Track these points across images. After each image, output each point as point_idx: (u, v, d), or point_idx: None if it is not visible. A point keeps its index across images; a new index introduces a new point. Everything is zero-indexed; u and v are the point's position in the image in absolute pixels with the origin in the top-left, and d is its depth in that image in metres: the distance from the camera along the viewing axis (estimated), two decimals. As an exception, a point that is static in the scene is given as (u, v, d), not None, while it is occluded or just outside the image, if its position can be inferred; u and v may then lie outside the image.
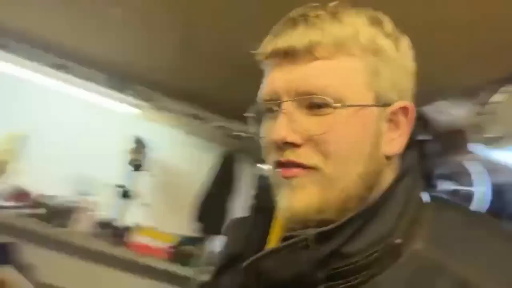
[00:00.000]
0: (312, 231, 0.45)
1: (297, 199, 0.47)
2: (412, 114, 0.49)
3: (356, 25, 0.47)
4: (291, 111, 0.47)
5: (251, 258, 0.48)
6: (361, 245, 0.46)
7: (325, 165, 0.46)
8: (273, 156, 0.48)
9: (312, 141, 0.46)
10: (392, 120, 0.49)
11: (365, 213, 0.46)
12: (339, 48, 0.46)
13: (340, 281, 0.46)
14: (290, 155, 0.47)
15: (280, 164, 0.48)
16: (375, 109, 0.47)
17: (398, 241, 0.46)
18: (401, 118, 0.49)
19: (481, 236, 0.48)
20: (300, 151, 0.47)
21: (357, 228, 0.46)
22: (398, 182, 0.48)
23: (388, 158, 0.49)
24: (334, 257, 0.46)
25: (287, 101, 0.47)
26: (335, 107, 0.46)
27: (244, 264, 0.49)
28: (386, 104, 0.48)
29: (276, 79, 0.48)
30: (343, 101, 0.46)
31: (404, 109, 0.49)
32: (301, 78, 0.47)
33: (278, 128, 0.46)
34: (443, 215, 0.50)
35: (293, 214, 0.48)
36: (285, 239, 0.48)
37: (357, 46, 0.47)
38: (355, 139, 0.47)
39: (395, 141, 0.49)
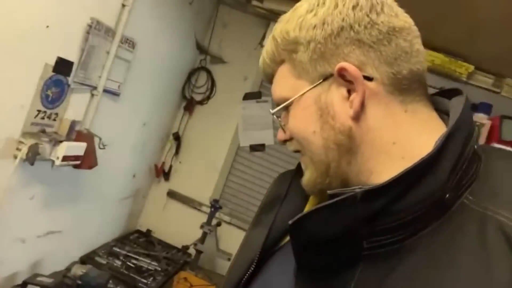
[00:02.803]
0: (358, 189, 0.43)
1: (304, 177, 0.54)
2: (352, 70, 0.46)
3: (276, 34, 0.53)
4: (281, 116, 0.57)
5: (299, 215, 0.46)
6: (411, 201, 0.43)
7: (300, 147, 0.53)
8: None
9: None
10: (342, 85, 0.48)
11: (417, 169, 0.42)
12: (273, 61, 0.55)
13: (383, 237, 0.44)
14: (289, 146, 0.57)
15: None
16: (309, 92, 0.50)
17: (448, 196, 0.43)
18: (348, 80, 0.47)
19: None
20: (289, 142, 0.56)
21: (408, 185, 0.43)
22: (451, 135, 0.43)
23: (356, 118, 0.47)
24: (381, 214, 0.43)
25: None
26: (284, 108, 0.54)
27: (290, 221, 0.47)
28: (317, 81, 0.49)
29: None
30: (285, 101, 0.53)
31: (341, 71, 0.46)
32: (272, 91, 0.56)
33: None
34: (493, 165, 0.47)
35: (305, 186, 0.54)
36: (331, 197, 0.45)
37: (281, 53, 0.53)
38: (300, 123, 0.52)
39: (354, 102, 0.47)
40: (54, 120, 1.35)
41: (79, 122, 1.48)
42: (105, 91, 1.57)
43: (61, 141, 1.30)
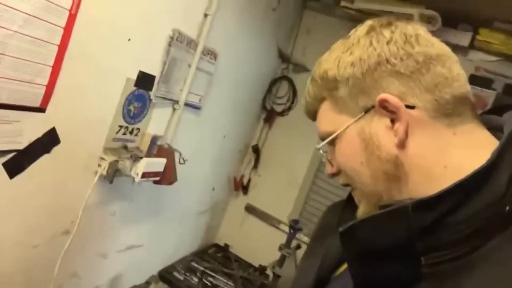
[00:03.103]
0: (409, 200, 0.42)
1: (358, 210, 0.55)
2: (393, 101, 0.46)
3: (316, 75, 0.55)
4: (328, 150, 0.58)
5: (349, 224, 0.46)
6: (467, 213, 0.41)
7: (349, 180, 0.54)
8: None
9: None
10: (385, 116, 0.48)
11: (471, 181, 0.41)
12: (315, 99, 0.56)
13: (442, 252, 0.42)
14: (339, 180, 0.58)
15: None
16: (352, 125, 0.51)
17: (508, 208, 0.41)
18: (391, 110, 0.47)
19: None
20: (339, 176, 0.57)
21: (463, 196, 0.41)
22: (506, 145, 0.42)
23: (402, 146, 0.47)
24: (436, 227, 0.42)
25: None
26: (329, 142, 0.54)
27: (341, 229, 0.47)
28: (359, 115, 0.50)
29: None
30: (330, 136, 0.54)
31: (383, 102, 0.47)
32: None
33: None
34: None
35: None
36: (382, 207, 0.44)
37: (322, 91, 0.54)
38: (346, 156, 0.52)
39: (398, 131, 0.47)
40: (136, 135, 1.31)
41: (160, 137, 1.42)
42: (187, 104, 1.50)
43: (141, 157, 1.25)
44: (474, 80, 1.89)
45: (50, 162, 1.02)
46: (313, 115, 0.59)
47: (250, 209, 2.37)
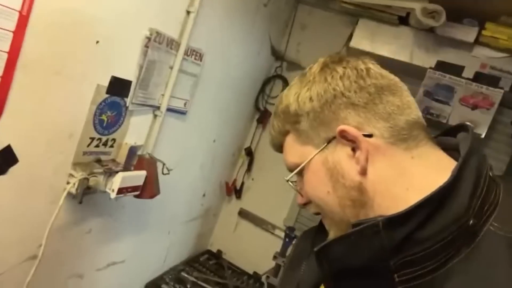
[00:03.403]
0: (380, 218, 0.44)
1: (329, 237, 0.57)
2: (351, 131, 0.49)
3: (278, 111, 0.58)
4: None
5: (322, 244, 0.48)
6: (434, 229, 0.43)
7: (319, 209, 0.57)
8: None
9: None
10: (346, 145, 0.51)
11: (436, 197, 0.43)
12: (279, 133, 0.59)
13: (414, 268, 0.44)
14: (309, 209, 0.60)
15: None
16: (317, 156, 0.53)
17: (472, 222, 0.43)
18: (351, 139, 0.50)
19: None
20: (309, 205, 0.59)
21: (429, 212, 0.43)
22: (464, 163, 0.45)
23: (364, 173, 0.49)
24: (406, 243, 0.44)
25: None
26: (297, 173, 0.56)
27: (315, 248, 0.49)
28: (322, 145, 0.52)
29: None
30: (297, 167, 0.55)
31: (342, 133, 0.50)
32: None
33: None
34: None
35: None
36: (354, 226, 0.47)
37: (285, 125, 0.57)
38: (313, 186, 0.54)
39: (359, 159, 0.49)
40: (111, 146, 1.18)
41: (140, 147, 1.30)
42: (170, 110, 1.37)
43: (116, 172, 1.13)
44: (479, 78, 1.75)
45: (7, 184, 0.89)
46: (279, 147, 0.61)
47: (243, 214, 2.25)
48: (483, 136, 1.72)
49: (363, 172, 0.49)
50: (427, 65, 1.80)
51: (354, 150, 0.50)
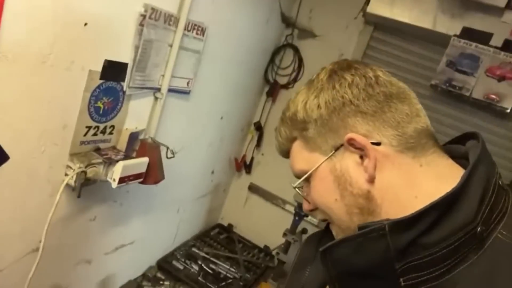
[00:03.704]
0: (386, 221, 0.44)
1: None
2: (359, 139, 0.49)
3: (286, 117, 0.57)
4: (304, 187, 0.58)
5: (328, 244, 0.48)
6: (441, 234, 0.43)
7: (326, 216, 0.55)
8: None
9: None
10: (354, 153, 0.50)
11: (443, 202, 0.43)
12: (287, 139, 0.57)
13: (420, 273, 0.43)
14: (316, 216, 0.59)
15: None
16: (324, 163, 0.52)
17: (480, 229, 0.43)
18: (359, 147, 0.49)
19: None
20: (316, 212, 0.58)
21: (436, 217, 0.43)
22: (473, 170, 0.45)
23: (372, 181, 0.49)
24: (412, 247, 0.43)
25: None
26: (304, 180, 0.55)
27: (321, 248, 0.49)
28: (330, 153, 0.52)
29: None
30: (304, 174, 0.54)
31: (350, 141, 0.49)
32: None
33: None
34: None
35: None
36: (360, 228, 0.46)
37: (293, 132, 0.56)
38: (321, 193, 0.54)
39: (367, 167, 0.49)
40: (111, 133, 1.12)
41: (142, 131, 1.23)
42: (172, 91, 1.28)
43: (117, 160, 1.07)
44: (508, 46, 1.58)
45: (0, 182, 0.85)
46: (286, 153, 0.60)
47: (253, 188, 2.22)
48: (509, 110, 1.58)
49: (371, 180, 0.49)
50: (451, 32, 1.63)
51: (362, 158, 0.50)
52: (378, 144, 0.48)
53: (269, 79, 2.07)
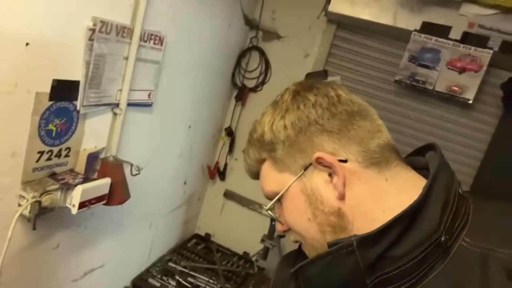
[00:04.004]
0: (354, 237, 0.45)
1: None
2: (327, 158, 0.49)
3: (253, 139, 0.58)
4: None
5: (299, 264, 0.50)
6: (408, 246, 0.44)
7: (299, 236, 0.56)
8: None
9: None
10: (323, 171, 0.51)
11: (406, 215, 0.45)
12: (255, 161, 0.58)
13: (391, 286, 0.45)
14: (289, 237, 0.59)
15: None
16: (295, 183, 0.53)
17: (444, 238, 0.44)
18: (327, 165, 0.50)
19: None
20: (289, 233, 0.58)
21: (401, 230, 0.45)
22: (433, 181, 0.47)
23: (342, 198, 0.50)
24: (381, 261, 0.45)
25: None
26: (276, 201, 0.55)
27: (292, 269, 0.51)
28: (299, 172, 0.52)
29: None
30: (275, 195, 0.55)
31: (318, 159, 0.50)
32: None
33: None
34: (481, 206, 0.49)
35: None
36: (330, 246, 0.47)
37: (261, 153, 0.56)
38: (293, 213, 0.54)
39: (337, 184, 0.50)
40: (67, 156, 1.06)
41: (102, 150, 1.18)
42: (131, 105, 1.23)
43: (76, 184, 1.01)
44: (467, 38, 1.63)
45: None
46: (255, 175, 0.60)
47: (229, 195, 2.19)
48: (471, 101, 1.63)
49: (342, 197, 0.50)
50: (411, 28, 1.66)
51: (330, 175, 0.51)
52: (345, 161, 0.50)
53: (237, 83, 2.04)
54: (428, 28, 1.65)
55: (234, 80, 2.04)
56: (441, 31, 1.64)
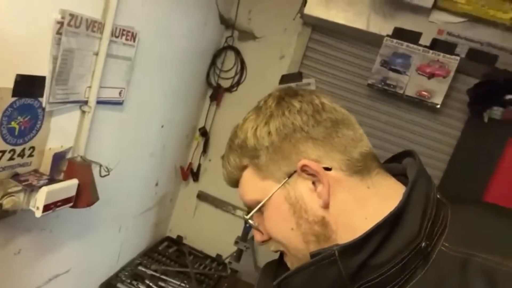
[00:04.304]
0: (335, 247, 0.45)
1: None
2: (312, 165, 0.49)
3: (235, 145, 0.56)
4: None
5: (281, 276, 0.49)
6: (389, 254, 0.45)
7: (281, 246, 0.55)
8: None
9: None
10: (307, 179, 0.50)
11: (387, 223, 0.45)
12: (236, 168, 0.56)
13: None
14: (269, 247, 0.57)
15: None
16: (278, 191, 0.51)
17: (424, 244, 0.45)
18: (311, 173, 0.49)
19: (496, 225, 0.48)
20: (269, 243, 0.57)
21: (382, 238, 0.45)
22: (413, 188, 0.47)
23: (326, 207, 0.49)
24: (364, 270, 0.45)
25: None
26: (257, 211, 0.53)
27: (275, 282, 0.50)
28: (283, 180, 0.51)
29: None
30: (257, 204, 0.53)
31: (303, 167, 0.50)
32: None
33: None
34: (460, 211, 0.50)
35: None
36: (312, 256, 0.47)
37: (243, 160, 0.55)
38: (276, 223, 0.53)
39: (321, 193, 0.49)
40: (31, 156, 1.00)
41: (69, 150, 1.12)
42: (101, 102, 1.19)
43: (40, 186, 0.96)
44: (436, 44, 1.69)
45: None
46: (235, 183, 0.58)
47: (202, 196, 2.16)
48: (439, 106, 1.69)
49: (326, 206, 0.49)
50: (384, 33, 1.70)
51: (314, 183, 0.50)
52: (329, 169, 0.49)
53: (212, 83, 2.02)
54: (399, 33, 1.70)
55: (209, 80, 2.01)
56: (412, 37, 1.70)
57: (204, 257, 2.07)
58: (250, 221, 0.55)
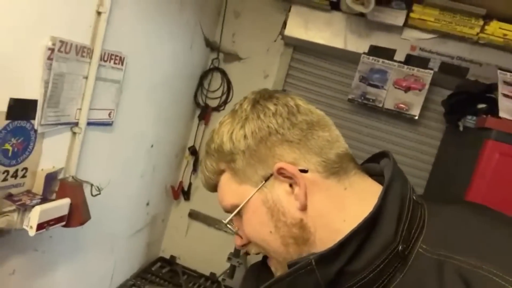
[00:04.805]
0: (312, 256, 0.45)
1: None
2: (289, 168, 0.49)
3: (211, 150, 0.56)
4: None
5: (261, 287, 0.49)
6: (366, 259, 0.44)
7: (261, 249, 0.55)
8: None
9: None
10: (284, 182, 0.50)
11: (363, 228, 0.45)
12: (213, 173, 0.56)
13: None
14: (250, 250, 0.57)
15: None
16: (256, 195, 0.51)
17: (401, 247, 0.45)
18: (288, 176, 0.50)
19: (474, 226, 0.47)
20: (249, 246, 0.57)
21: (358, 244, 0.45)
22: (388, 190, 0.47)
23: (304, 209, 0.49)
24: (342, 277, 0.45)
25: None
26: (236, 215, 0.53)
27: None
28: (260, 183, 0.51)
29: None
30: (235, 208, 0.53)
31: (280, 170, 0.50)
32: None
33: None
34: (436, 211, 0.49)
35: None
36: (289, 266, 0.47)
37: (220, 164, 0.55)
38: (255, 226, 0.53)
39: (298, 195, 0.49)
40: (24, 176, 1.03)
41: (61, 170, 1.16)
42: (91, 124, 1.23)
43: (33, 205, 0.99)
44: (410, 60, 1.79)
45: None
46: (213, 188, 0.58)
47: (194, 215, 2.18)
48: (417, 117, 1.77)
49: (303, 208, 0.49)
50: (361, 50, 1.80)
51: (291, 186, 0.50)
52: (305, 171, 0.49)
53: (200, 103, 2.09)
54: (375, 51, 1.80)
55: (196, 100, 2.08)
56: (387, 53, 1.80)
57: (198, 276, 2.07)
58: (229, 226, 0.55)
